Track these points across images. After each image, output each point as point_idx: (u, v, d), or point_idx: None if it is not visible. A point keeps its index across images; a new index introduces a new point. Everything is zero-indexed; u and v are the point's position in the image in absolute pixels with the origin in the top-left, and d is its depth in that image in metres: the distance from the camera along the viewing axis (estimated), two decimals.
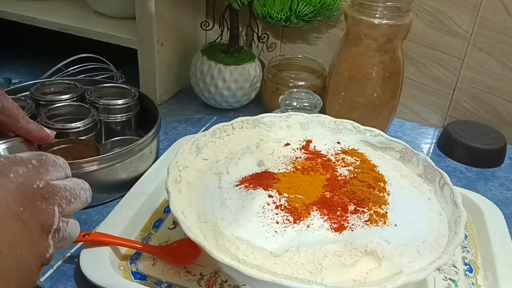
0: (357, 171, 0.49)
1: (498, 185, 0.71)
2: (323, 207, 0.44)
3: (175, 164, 0.47)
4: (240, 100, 0.83)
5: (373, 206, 0.44)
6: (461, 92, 0.82)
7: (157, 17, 0.76)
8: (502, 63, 0.77)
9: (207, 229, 0.42)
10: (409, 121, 0.87)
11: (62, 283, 0.48)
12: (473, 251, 0.55)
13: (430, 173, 0.50)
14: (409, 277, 0.37)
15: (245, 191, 0.46)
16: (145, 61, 0.80)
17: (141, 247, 0.50)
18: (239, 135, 0.56)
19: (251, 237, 0.41)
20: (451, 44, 0.79)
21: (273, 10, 0.76)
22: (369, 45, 0.72)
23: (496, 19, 0.74)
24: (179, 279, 0.48)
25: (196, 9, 0.88)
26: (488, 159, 0.75)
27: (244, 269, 0.36)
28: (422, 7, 0.77)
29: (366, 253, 0.40)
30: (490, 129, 0.79)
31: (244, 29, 0.89)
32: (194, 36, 0.90)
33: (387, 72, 0.73)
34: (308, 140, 0.55)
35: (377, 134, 0.55)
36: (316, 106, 0.71)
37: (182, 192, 0.46)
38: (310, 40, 0.88)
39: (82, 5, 0.89)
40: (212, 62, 0.79)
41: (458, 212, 0.44)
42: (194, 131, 0.79)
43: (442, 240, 0.42)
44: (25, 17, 0.84)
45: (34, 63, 0.95)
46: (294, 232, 0.41)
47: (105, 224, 0.52)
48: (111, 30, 0.80)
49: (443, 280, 0.51)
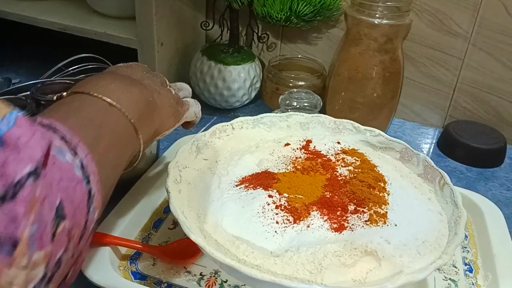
0: (357, 171, 0.49)
1: (498, 185, 0.71)
2: (323, 207, 0.44)
3: (175, 164, 0.47)
4: (240, 100, 0.83)
5: (373, 206, 0.44)
6: (461, 92, 0.82)
7: (157, 17, 0.76)
8: (502, 63, 0.77)
9: (207, 229, 0.42)
10: (409, 121, 0.87)
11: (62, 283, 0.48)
12: (473, 251, 0.55)
13: (430, 173, 0.50)
14: (409, 277, 0.37)
15: (245, 191, 0.46)
16: (145, 61, 0.80)
17: (141, 247, 0.50)
18: (239, 135, 0.56)
19: (251, 237, 0.41)
20: (451, 44, 0.79)
21: (273, 10, 0.76)
22: (369, 45, 0.72)
23: (496, 19, 0.74)
24: (179, 279, 0.48)
25: (196, 9, 0.88)
26: (488, 159, 0.75)
27: (244, 269, 0.36)
28: (422, 7, 0.77)
29: (366, 253, 0.40)
30: (490, 129, 0.79)
31: (244, 29, 0.89)
32: (194, 36, 0.90)
33: (387, 72, 0.73)
34: (308, 140, 0.55)
35: (377, 134, 0.55)
36: (316, 106, 0.71)
37: (182, 192, 0.46)
38: (310, 40, 0.88)
39: (82, 5, 0.89)
40: (212, 62, 0.79)
41: (458, 212, 0.44)
42: (194, 131, 0.78)
43: (442, 240, 0.42)
44: (25, 17, 0.84)
45: (34, 63, 0.95)
46: (294, 232, 0.41)
47: (105, 224, 0.52)
48: (111, 30, 0.80)
49: (443, 280, 0.51)
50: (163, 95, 0.46)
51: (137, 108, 0.41)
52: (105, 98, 0.38)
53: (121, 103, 0.39)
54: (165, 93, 0.47)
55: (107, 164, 0.36)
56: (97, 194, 0.32)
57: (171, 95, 0.48)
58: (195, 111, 0.53)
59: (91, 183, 0.31)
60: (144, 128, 0.42)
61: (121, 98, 0.40)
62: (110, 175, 0.37)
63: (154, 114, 0.44)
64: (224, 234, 0.41)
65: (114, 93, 0.39)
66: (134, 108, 0.41)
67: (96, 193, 0.32)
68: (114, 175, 0.38)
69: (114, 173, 0.38)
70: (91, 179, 0.31)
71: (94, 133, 0.35)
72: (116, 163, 0.38)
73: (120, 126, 0.39)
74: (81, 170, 0.30)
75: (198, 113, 0.54)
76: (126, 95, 0.40)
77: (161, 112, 0.45)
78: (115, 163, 0.38)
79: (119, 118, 0.39)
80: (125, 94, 0.40)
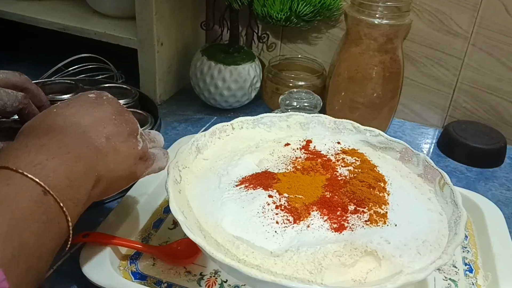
0: (357, 171, 0.49)
1: (498, 185, 0.71)
2: (323, 207, 0.44)
3: (175, 164, 0.47)
4: (240, 100, 0.83)
5: (373, 206, 0.44)
6: (461, 92, 0.82)
7: (157, 17, 0.76)
8: (502, 63, 0.77)
9: (207, 229, 0.42)
10: (409, 121, 0.87)
11: (62, 283, 0.48)
12: (473, 251, 0.55)
13: (430, 173, 0.50)
14: (409, 277, 0.37)
15: (245, 191, 0.46)
16: (145, 61, 0.80)
17: (141, 247, 0.50)
18: (239, 135, 0.56)
19: (251, 237, 0.41)
20: (451, 44, 0.79)
21: (273, 10, 0.76)
22: (369, 45, 0.72)
23: (496, 19, 0.74)
24: (179, 279, 0.48)
25: (196, 9, 0.88)
26: (488, 159, 0.75)
27: (244, 269, 0.36)
28: (422, 7, 0.77)
29: (366, 253, 0.40)
30: (490, 129, 0.79)
31: (244, 29, 0.89)
32: (194, 36, 0.90)
33: (387, 72, 0.73)
34: (308, 140, 0.55)
35: (377, 134, 0.55)
36: (316, 106, 0.71)
37: (182, 192, 0.46)
38: (310, 40, 0.88)
39: (82, 5, 0.89)
40: (212, 62, 0.79)
41: (458, 212, 0.44)
42: (194, 131, 0.79)
43: (442, 240, 0.42)
44: (25, 17, 0.84)
45: (34, 63, 0.95)
46: (294, 232, 0.41)
47: (105, 224, 0.52)
48: (111, 30, 0.80)
49: (443, 280, 0.51)
50: (120, 156, 0.40)
51: (77, 192, 0.35)
52: (40, 182, 0.32)
53: (59, 189, 0.33)
54: (126, 151, 0.41)
55: (28, 279, 0.31)
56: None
57: (134, 151, 0.42)
58: (160, 166, 0.47)
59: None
60: (77, 211, 0.36)
61: (61, 181, 0.33)
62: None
63: (97, 187, 0.38)
64: (224, 234, 0.41)
65: (53, 174, 0.33)
66: (73, 193, 0.34)
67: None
68: (35, 284, 0.32)
69: (35, 283, 0.32)
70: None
71: (18, 241, 0.30)
72: (40, 271, 0.32)
73: (53, 222, 0.33)
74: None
75: (163, 168, 0.48)
76: (67, 177, 0.34)
77: (111, 180, 0.40)
78: (38, 273, 0.32)
79: (52, 210, 0.33)
80: (66, 176, 0.34)
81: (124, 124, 0.42)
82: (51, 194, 0.32)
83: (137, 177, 0.45)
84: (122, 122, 0.42)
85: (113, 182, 0.41)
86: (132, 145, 0.42)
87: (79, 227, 0.53)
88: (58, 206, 0.33)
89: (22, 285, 0.30)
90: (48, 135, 0.36)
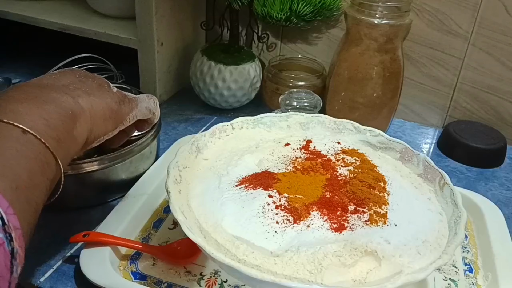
0: (357, 171, 0.49)
1: (498, 185, 0.71)
2: (323, 207, 0.44)
3: (175, 164, 0.47)
4: (240, 100, 0.83)
5: (373, 206, 0.44)
6: (461, 92, 0.82)
7: (157, 17, 0.76)
8: (502, 63, 0.77)
9: (207, 229, 0.42)
10: (409, 121, 0.87)
11: (62, 283, 0.48)
12: (473, 251, 0.55)
13: (430, 173, 0.50)
14: (409, 277, 0.37)
15: (245, 191, 0.46)
16: (145, 61, 0.80)
17: (141, 247, 0.50)
18: (239, 135, 0.56)
19: (251, 237, 0.41)
20: (451, 44, 0.79)
21: (273, 10, 0.76)
22: (369, 45, 0.72)
23: (496, 19, 0.74)
24: (179, 279, 0.48)
25: (196, 9, 0.88)
26: (488, 159, 0.75)
27: (244, 269, 0.36)
28: (422, 7, 0.77)
29: (366, 253, 0.40)
30: (490, 129, 0.79)
31: (244, 29, 0.89)
32: (194, 36, 0.90)
33: (387, 72, 0.73)
34: (308, 140, 0.55)
35: (377, 134, 0.55)
36: (316, 106, 0.71)
37: (182, 192, 0.46)
38: (310, 40, 0.88)
39: (82, 5, 0.89)
40: (212, 62, 0.79)
41: (458, 212, 0.44)
42: (194, 131, 0.79)
43: (442, 240, 0.42)
44: (25, 17, 0.84)
45: (34, 63, 0.95)
46: (294, 232, 0.41)
47: (105, 224, 0.52)
48: (111, 30, 0.80)
49: (443, 280, 0.51)
50: (95, 98, 0.41)
51: (55, 129, 0.36)
52: (17, 124, 0.34)
53: (37, 128, 0.35)
54: (100, 95, 0.42)
55: (29, 209, 0.32)
56: (20, 251, 0.29)
57: (109, 95, 0.43)
58: (147, 106, 0.47)
59: (14, 241, 0.28)
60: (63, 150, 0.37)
61: (36, 121, 0.35)
62: (32, 219, 0.33)
63: (78, 125, 0.39)
64: (224, 234, 0.41)
65: (27, 116, 0.35)
66: (51, 130, 0.36)
67: (19, 250, 0.29)
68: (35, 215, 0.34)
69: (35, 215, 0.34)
70: (13, 236, 0.28)
71: (12, 176, 0.31)
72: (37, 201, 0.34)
73: (39, 157, 0.34)
74: (3, 231, 0.28)
75: (153, 109, 0.48)
76: (41, 117, 0.35)
77: (92, 118, 0.41)
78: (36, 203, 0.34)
79: (35, 147, 0.34)
80: (39, 115, 0.35)
81: (90, 79, 0.43)
82: (30, 132, 0.34)
83: (123, 119, 0.45)
84: (88, 78, 0.43)
85: (96, 122, 0.41)
86: (104, 89, 0.43)
87: (79, 227, 0.53)
88: (40, 142, 0.34)
89: (25, 214, 0.31)
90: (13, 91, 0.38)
